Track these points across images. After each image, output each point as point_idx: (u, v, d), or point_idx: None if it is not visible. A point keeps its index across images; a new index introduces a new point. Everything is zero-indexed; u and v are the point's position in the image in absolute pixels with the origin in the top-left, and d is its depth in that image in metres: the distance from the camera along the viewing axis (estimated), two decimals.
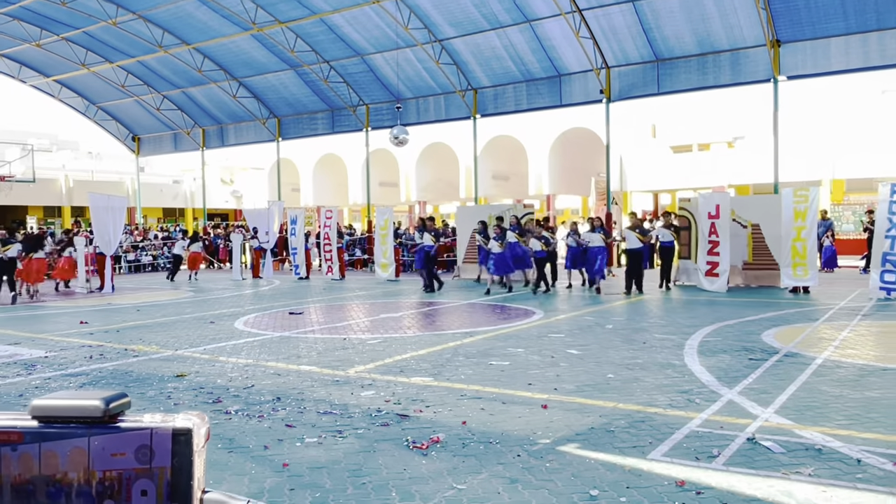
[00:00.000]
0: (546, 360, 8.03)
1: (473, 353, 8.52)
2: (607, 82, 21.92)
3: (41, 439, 0.65)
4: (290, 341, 9.80)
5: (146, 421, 0.67)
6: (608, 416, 5.59)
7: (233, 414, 5.88)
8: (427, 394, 6.47)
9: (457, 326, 11.01)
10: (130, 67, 29.74)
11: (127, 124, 34.76)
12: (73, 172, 40.73)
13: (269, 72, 27.70)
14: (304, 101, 28.76)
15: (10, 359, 8.76)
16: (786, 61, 19.37)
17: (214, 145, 33.14)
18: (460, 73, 24.32)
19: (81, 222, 35.47)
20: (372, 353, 8.67)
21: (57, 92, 32.69)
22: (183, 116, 32.47)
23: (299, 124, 29.91)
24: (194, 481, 0.66)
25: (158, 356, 8.79)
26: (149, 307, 14.74)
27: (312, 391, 6.68)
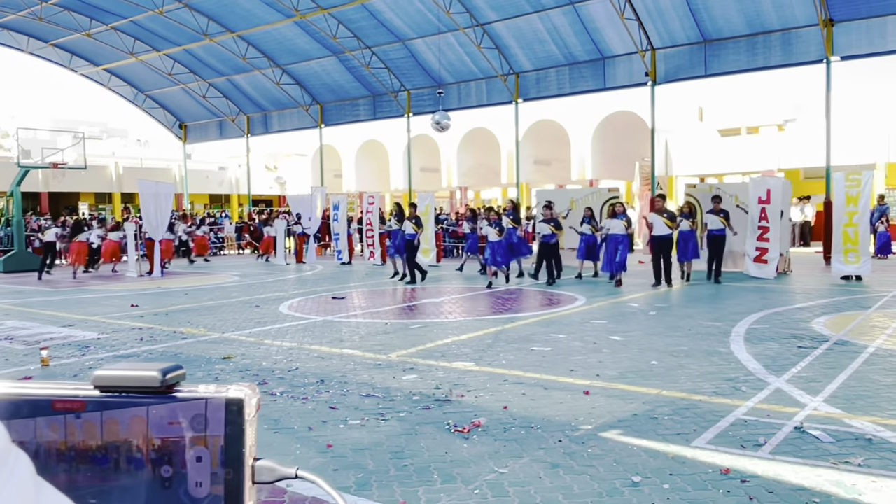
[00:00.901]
0: (588, 346, 7.99)
1: (515, 339, 8.52)
2: (653, 65, 21.53)
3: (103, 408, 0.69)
4: (333, 325, 9.93)
5: (201, 391, 0.70)
6: (651, 403, 5.55)
7: (278, 396, 6.00)
8: (468, 378, 6.50)
9: (498, 312, 11.02)
10: (177, 56, 30.27)
11: (174, 112, 35.43)
12: (123, 159, 41.76)
13: (311, 58, 27.91)
14: (346, 87, 28.92)
15: (65, 340, 9.06)
16: (839, 41, 18.76)
17: (259, 132, 33.59)
18: (502, 57, 24.16)
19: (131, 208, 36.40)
20: (413, 338, 8.74)
21: (106, 81, 33.47)
22: (228, 104, 32.96)
23: (341, 110, 30.10)
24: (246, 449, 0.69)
25: (206, 339, 9.00)
26: (196, 291, 15.07)
27: (355, 374, 6.78)
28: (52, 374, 7.08)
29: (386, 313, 11.02)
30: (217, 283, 16.75)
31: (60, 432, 0.68)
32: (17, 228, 22.19)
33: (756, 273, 15.11)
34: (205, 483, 0.68)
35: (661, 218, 13.63)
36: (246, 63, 29.00)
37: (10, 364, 7.56)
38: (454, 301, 12.42)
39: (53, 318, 11.32)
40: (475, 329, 9.37)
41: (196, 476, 0.68)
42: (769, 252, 15.10)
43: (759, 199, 15.16)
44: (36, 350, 8.21)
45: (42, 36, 30.04)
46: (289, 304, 12.48)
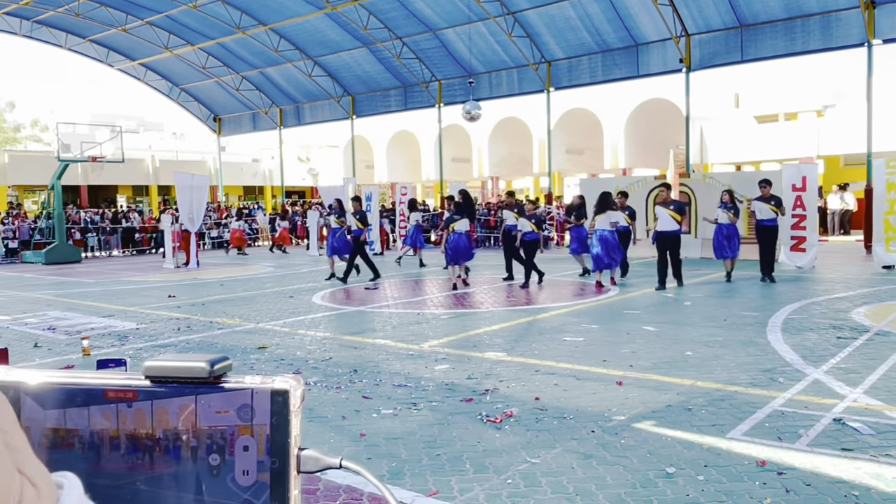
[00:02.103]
0: (621, 336, 7.95)
1: (547, 329, 8.51)
2: (687, 51, 21.20)
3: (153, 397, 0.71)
4: (366, 315, 10.02)
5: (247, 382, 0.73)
6: (686, 394, 5.51)
7: (312, 385, 6.08)
8: (500, 369, 6.52)
9: (529, 302, 11.00)
10: (210, 49, 30.62)
11: (208, 105, 35.86)
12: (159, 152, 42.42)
13: (342, 50, 28.02)
14: (377, 78, 28.99)
15: (105, 330, 9.28)
16: (881, 23, 18.26)
17: (291, 124, 33.86)
18: (533, 45, 23.99)
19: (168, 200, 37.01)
20: (445, 328, 8.77)
21: (142, 75, 34.00)
22: (261, 96, 33.26)
23: (373, 101, 30.19)
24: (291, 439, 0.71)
25: (241, 329, 9.15)
26: (231, 282, 15.30)
27: (388, 364, 6.83)
28: (93, 363, 7.26)
29: (418, 303, 11.07)
30: (252, 274, 16.98)
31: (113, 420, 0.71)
32: (59, 221, 22.71)
33: (794, 262, 14.86)
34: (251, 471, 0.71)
35: (667, 211, 11.90)
36: (278, 55, 29.23)
37: (52, 353, 7.77)
38: (485, 291, 12.42)
39: (94, 308, 11.59)
40: (507, 319, 9.38)
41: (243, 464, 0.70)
42: (807, 240, 14.84)
43: (794, 187, 14.92)
44: (77, 340, 8.43)
45: (79, 32, 30.60)
46: (322, 294, 12.61)
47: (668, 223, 11.90)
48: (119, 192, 39.63)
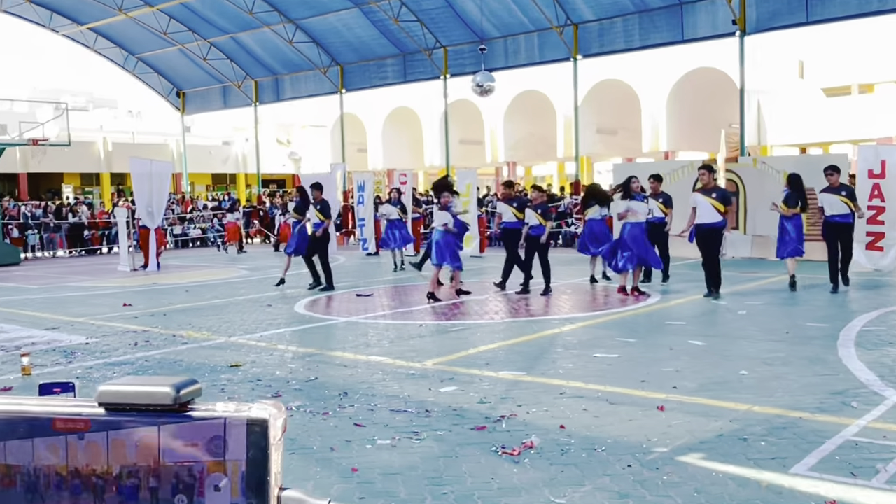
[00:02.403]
0: (663, 352, 7.94)
1: (574, 344, 8.50)
2: (742, 10, 21.14)
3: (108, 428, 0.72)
4: (358, 327, 10.03)
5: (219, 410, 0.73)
6: (740, 421, 5.50)
7: (294, 410, 6.09)
8: (518, 391, 6.52)
9: (554, 311, 10.99)
10: (173, 11, 30.69)
11: (170, 77, 35.98)
12: (112, 134, 42.62)
13: (329, 11, 28.04)
14: (370, 44, 29.02)
15: (49, 345, 9.33)
16: None
17: (269, 100, 33.95)
18: (557, 4, 23.97)
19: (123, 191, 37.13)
20: (453, 342, 8.78)
21: (92, 42, 34.12)
22: (233, 67, 33.35)
23: (365, 73, 30.24)
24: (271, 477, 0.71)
25: (210, 343, 9.17)
26: (198, 287, 15.34)
27: (384, 385, 6.85)
28: (35, 385, 7.29)
29: (420, 313, 11.08)
30: (222, 279, 17.02)
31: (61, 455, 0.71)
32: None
33: (870, 263, 14.80)
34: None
35: (708, 199, 11.43)
36: (253, 18, 29.30)
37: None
38: (502, 298, 12.42)
39: (35, 319, 11.64)
40: (527, 332, 9.37)
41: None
42: (885, 237, 14.78)
43: (871, 173, 14.84)
44: (16, 356, 8.46)
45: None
46: (306, 302, 12.63)
47: (708, 213, 11.43)
48: (65, 181, 39.80)
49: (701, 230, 11.55)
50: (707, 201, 11.45)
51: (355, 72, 30.55)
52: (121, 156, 37.84)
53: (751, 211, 17.34)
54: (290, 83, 32.79)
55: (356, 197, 23.08)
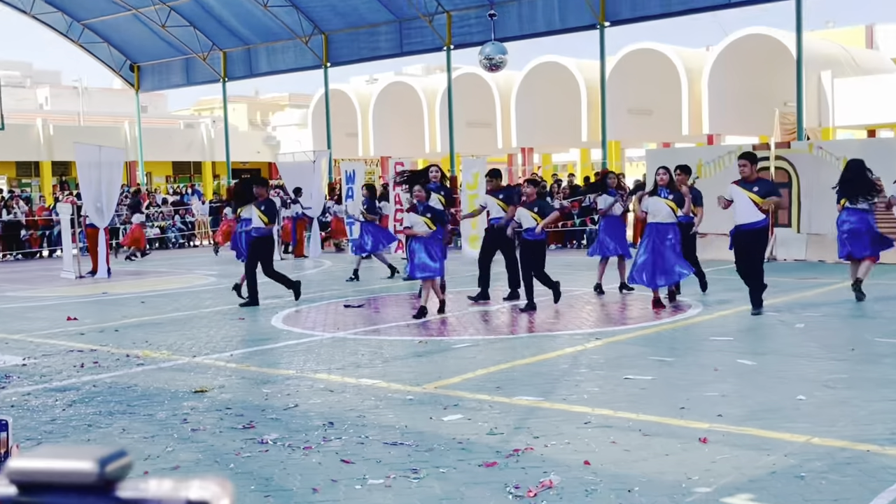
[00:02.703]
0: (706, 373, 7.94)
1: (601, 363, 8.50)
2: None
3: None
4: (347, 345, 10.04)
5: (151, 490, 0.72)
6: (797, 456, 5.50)
7: (270, 444, 6.10)
8: (535, 419, 6.52)
9: (578, 324, 10.99)
10: None
11: (122, 48, 36.01)
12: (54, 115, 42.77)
13: None
14: (360, 8, 29.05)
15: None
16: None
17: (240, 74, 33.98)
18: None
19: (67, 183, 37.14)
20: (458, 362, 8.78)
21: (29, 6, 34.15)
22: (196, 35, 33.38)
23: (354, 43, 30.25)
24: None
25: (170, 364, 9.18)
26: (157, 298, 15.36)
27: (377, 414, 6.85)
28: None
29: (419, 327, 11.08)
30: (185, 287, 17.03)
31: None
32: None
33: None
34: None
35: (748, 193, 11.01)
36: None
37: None
38: (515, 309, 12.41)
39: None
40: (545, 349, 9.37)
41: None
42: None
43: None
44: None
45: None
46: (284, 314, 12.63)
47: (748, 212, 10.93)
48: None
49: (741, 233, 11.00)
50: (746, 196, 10.95)
51: (342, 41, 30.57)
52: (64, 141, 37.88)
53: (805, 206, 17.31)
54: (266, 55, 32.82)
55: (344, 190, 23.09)
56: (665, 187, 11.87)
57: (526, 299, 12.11)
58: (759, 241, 11.19)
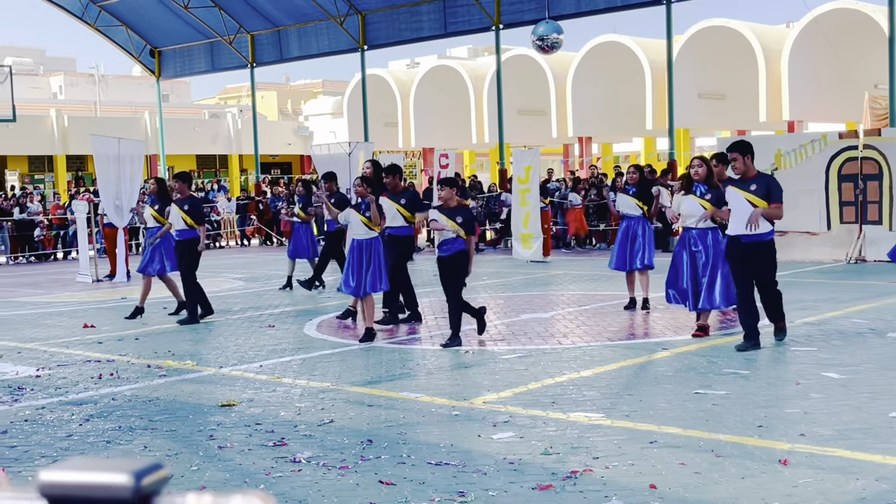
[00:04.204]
0: (786, 387, 7.87)
1: (668, 376, 8.44)
2: None
3: None
4: (386, 355, 10.08)
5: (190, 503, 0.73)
6: (890, 480, 5.42)
7: (303, 463, 6.14)
8: (595, 438, 6.49)
9: (641, 334, 10.90)
10: None
11: (142, 32, 36.41)
12: (69, 105, 43.40)
13: None
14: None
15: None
16: None
17: (269, 59, 34.18)
18: None
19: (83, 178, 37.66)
20: (509, 374, 8.77)
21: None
22: (222, 17, 33.67)
23: (394, 23, 30.31)
24: None
25: (195, 376, 9.27)
26: None
27: (420, 430, 6.86)
28: None
29: (467, 335, 11.07)
30: (211, 292, 17.16)
31: None
32: None
33: None
34: None
35: (745, 194, 9.60)
36: None
37: None
38: (573, 316, 12.37)
39: None
40: (607, 360, 9.32)
41: None
42: None
43: None
44: None
45: None
46: (318, 321, 12.71)
47: (742, 218, 9.48)
48: (8, 165, 40.48)
49: (739, 245, 9.55)
50: (742, 197, 9.59)
51: (380, 22, 30.64)
52: (80, 133, 38.32)
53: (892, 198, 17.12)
54: (297, 38, 32.97)
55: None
56: (703, 183, 10.44)
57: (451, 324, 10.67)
58: (760, 253, 9.57)
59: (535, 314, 12.69)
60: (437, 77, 39.95)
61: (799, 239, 17.61)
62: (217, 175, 43.33)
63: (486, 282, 16.96)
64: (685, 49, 30.95)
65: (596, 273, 17.77)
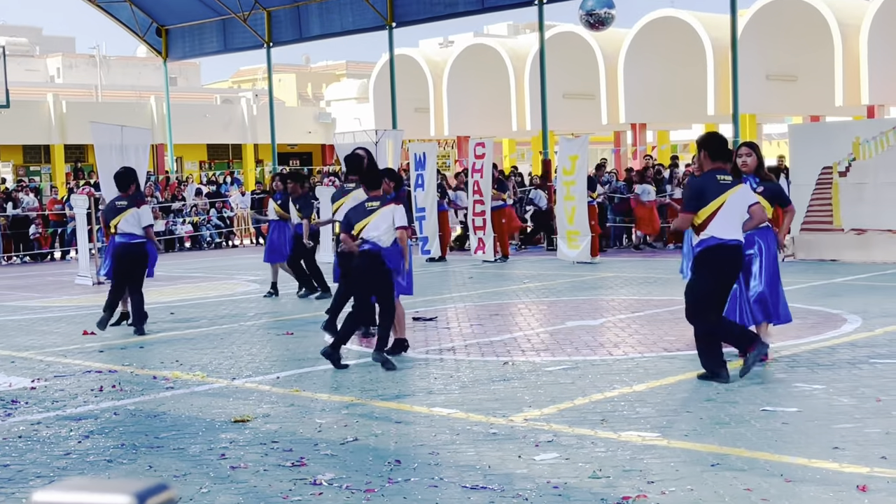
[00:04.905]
0: (866, 403, 7.80)
1: (732, 391, 8.39)
2: None
3: None
4: (416, 366, 10.09)
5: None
6: None
7: (324, 485, 6.15)
8: (649, 460, 6.47)
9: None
10: None
11: (147, 8, 36.65)
12: (67, 90, 43.77)
13: None
14: None
15: None
16: None
17: (287, 38, 34.30)
18: None
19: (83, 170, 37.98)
20: (553, 388, 8.75)
21: None
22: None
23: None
24: None
25: (205, 388, 9.31)
26: (189, 308, 15.62)
27: (453, 450, 6.86)
28: None
29: (506, 345, 11.06)
30: (222, 295, 17.26)
31: None
32: None
33: None
34: None
35: None
36: None
37: None
38: (623, 323, 12.33)
39: None
40: (662, 373, 9.29)
41: None
42: None
43: None
44: None
45: None
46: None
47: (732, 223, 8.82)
48: (1, 157, 40.88)
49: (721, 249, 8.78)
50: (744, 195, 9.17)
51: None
52: (79, 120, 38.54)
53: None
54: (318, 14, 33.05)
55: (413, 177, 23.17)
56: (753, 175, 9.80)
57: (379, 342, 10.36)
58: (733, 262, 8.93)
59: (582, 321, 12.65)
60: (473, 57, 39.94)
61: (881, 237, 17.43)
62: (230, 166, 43.50)
63: (528, 285, 16.94)
64: (751, 25, 30.77)
65: (651, 276, 17.71)
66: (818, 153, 18.06)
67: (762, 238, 9.72)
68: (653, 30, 34.57)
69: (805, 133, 20.32)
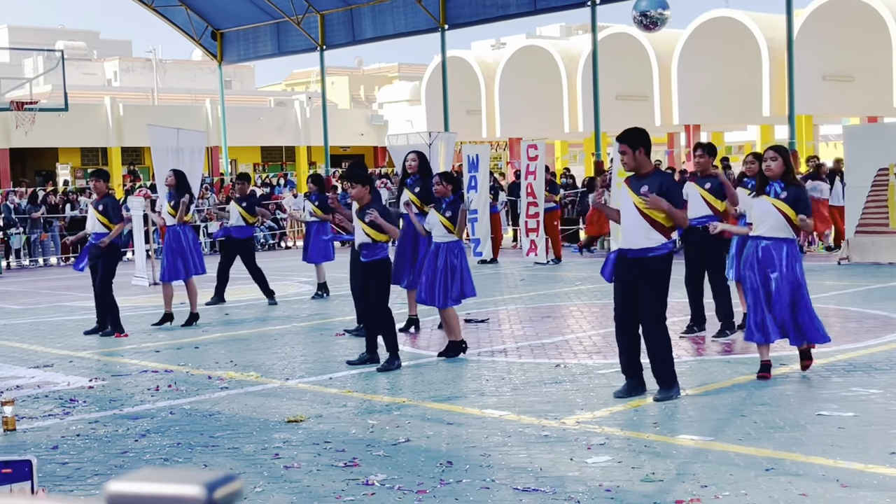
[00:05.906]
0: None
1: (787, 395, 8.33)
2: None
3: None
4: (468, 367, 10.09)
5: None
6: None
7: (377, 486, 6.17)
8: (703, 464, 6.43)
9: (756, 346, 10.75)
10: None
11: (203, 12, 36.92)
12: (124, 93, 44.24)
13: None
14: None
15: (39, 389, 9.72)
16: None
17: (340, 41, 34.40)
18: None
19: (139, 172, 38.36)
20: (605, 391, 8.71)
21: None
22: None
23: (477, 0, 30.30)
24: None
25: (259, 388, 9.38)
26: (243, 309, 15.76)
27: (505, 452, 6.85)
28: (20, 443, 7.63)
29: (557, 347, 11.03)
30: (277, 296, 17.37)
31: None
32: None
33: None
34: None
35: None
36: None
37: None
38: (677, 326, 12.24)
39: (20, 352, 12.18)
40: (715, 376, 9.24)
41: None
42: None
43: None
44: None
45: None
46: None
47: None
48: (60, 159, 41.36)
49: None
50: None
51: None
52: (136, 123, 38.94)
53: None
54: (371, 17, 33.12)
55: (466, 179, 23.15)
56: (780, 180, 9.18)
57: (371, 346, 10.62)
58: (653, 277, 9.07)
59: None
60: (525, 59, 39.87)
61: None
62: (283, 168, 43.77)
63: (581, 287, 16.87)
64: (808, 25, 30.46)
65: None
66: (874, 154, 17.83)
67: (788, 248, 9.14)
68: (707, 30, 34.31)
69: (860, 134, 20.08)
